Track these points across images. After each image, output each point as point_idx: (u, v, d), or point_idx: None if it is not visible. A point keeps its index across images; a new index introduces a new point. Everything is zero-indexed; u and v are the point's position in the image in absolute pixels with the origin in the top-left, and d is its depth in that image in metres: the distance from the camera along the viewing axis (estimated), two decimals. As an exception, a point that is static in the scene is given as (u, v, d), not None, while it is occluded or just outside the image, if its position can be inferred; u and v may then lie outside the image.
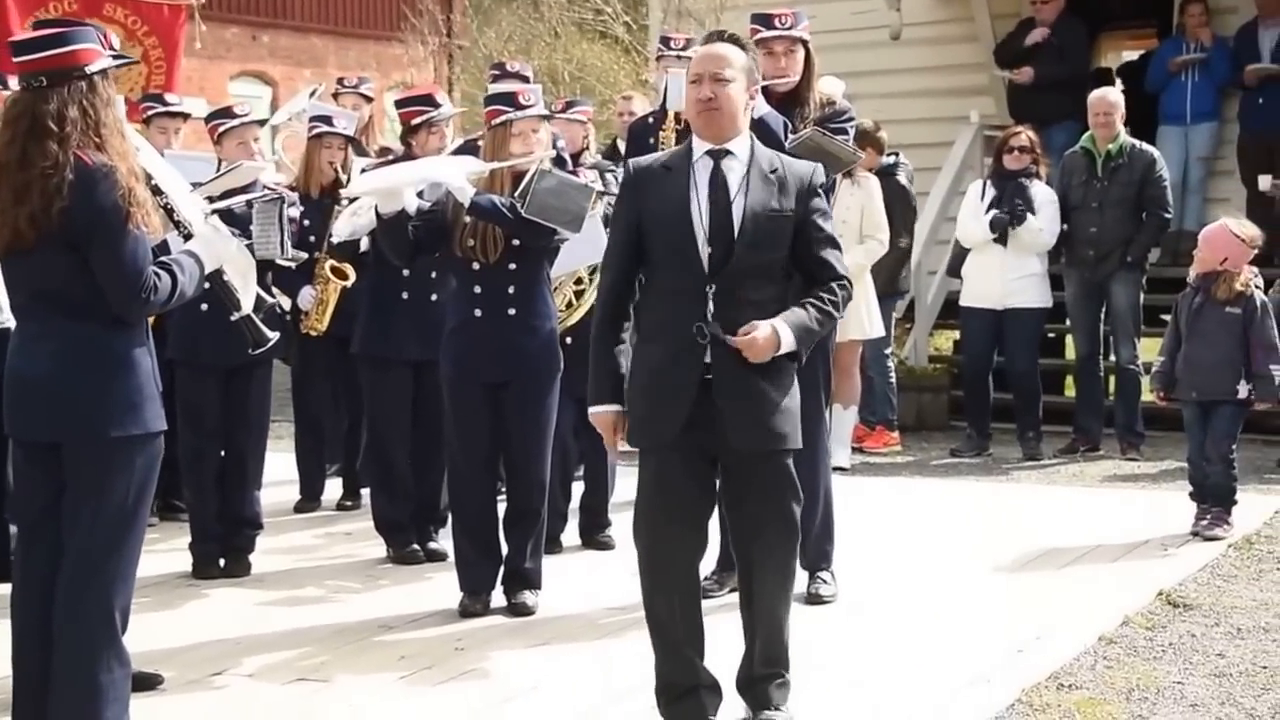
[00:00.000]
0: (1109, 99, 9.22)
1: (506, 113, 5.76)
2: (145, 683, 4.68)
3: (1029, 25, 11.05)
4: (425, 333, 6.35)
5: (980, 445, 9.31)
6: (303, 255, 6.71)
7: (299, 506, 7.71)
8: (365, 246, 6.59)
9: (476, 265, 5.72)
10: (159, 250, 4.39)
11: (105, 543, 4.22)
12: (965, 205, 9.41)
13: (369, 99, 8.91)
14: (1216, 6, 10.84)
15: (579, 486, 7.01)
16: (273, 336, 4.89)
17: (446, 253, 5.82)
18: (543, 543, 5.92)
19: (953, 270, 9.76)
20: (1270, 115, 10.37)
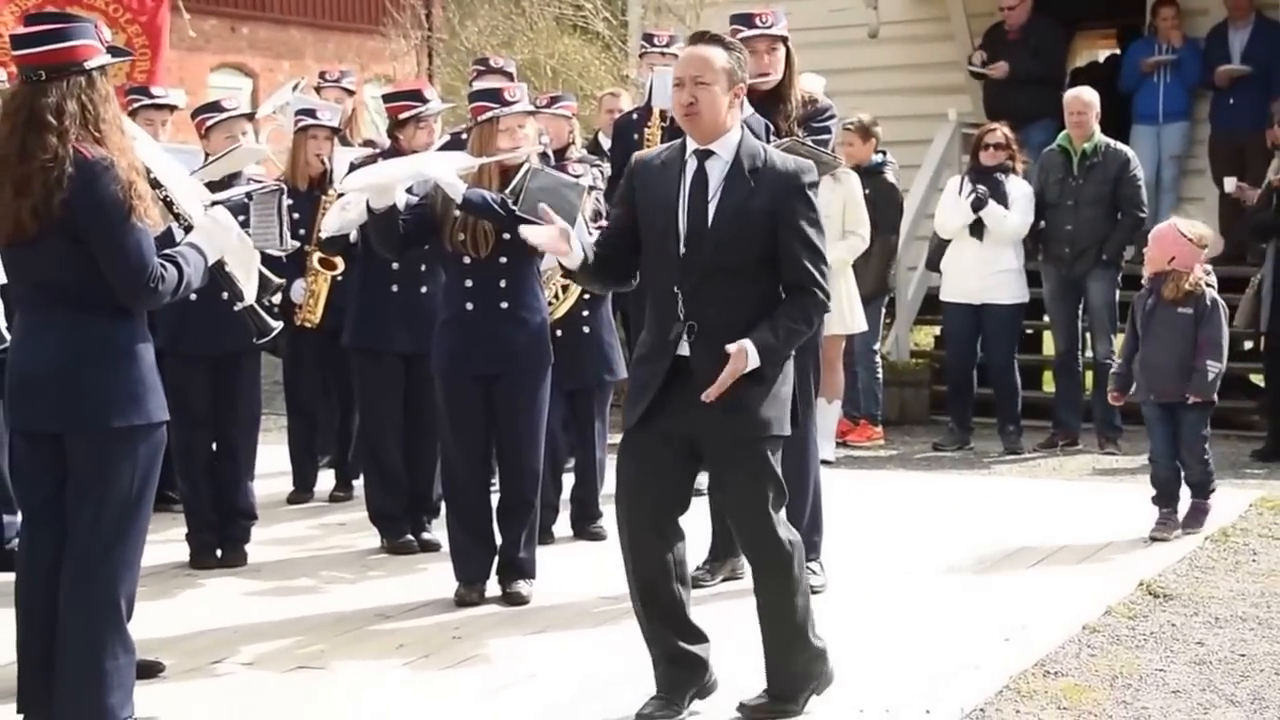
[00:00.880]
0: (1083, 98, 9.33)
1: (493, 109, 5.82)
2: (147, 670, 4.72)
3: (998, 31, 11.16)
4: (415, 325, 6.41)
5: (962, 439, 9.42)
6: (294, 244, 6.75)
7: (292, 498, 7.75)
8: (355, 239, 6.65)
9: (468, 259, 5.78)
10: (164, 241, 4.45)
11: (109, 532, 4.28)
12: (943, 198, 9.53)
13: (351, 92, 8.96)
14: (1187, 8, 10.97)
15: (569, 479, 7.08)
16: (276, 326, 4.93)
17: (437, 246, 5.88)
18: (536, 533, 5.99)
19: (931, 264, 9.86)
20: (1240, 115, 10.53)
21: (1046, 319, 9.79)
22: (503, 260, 5.78)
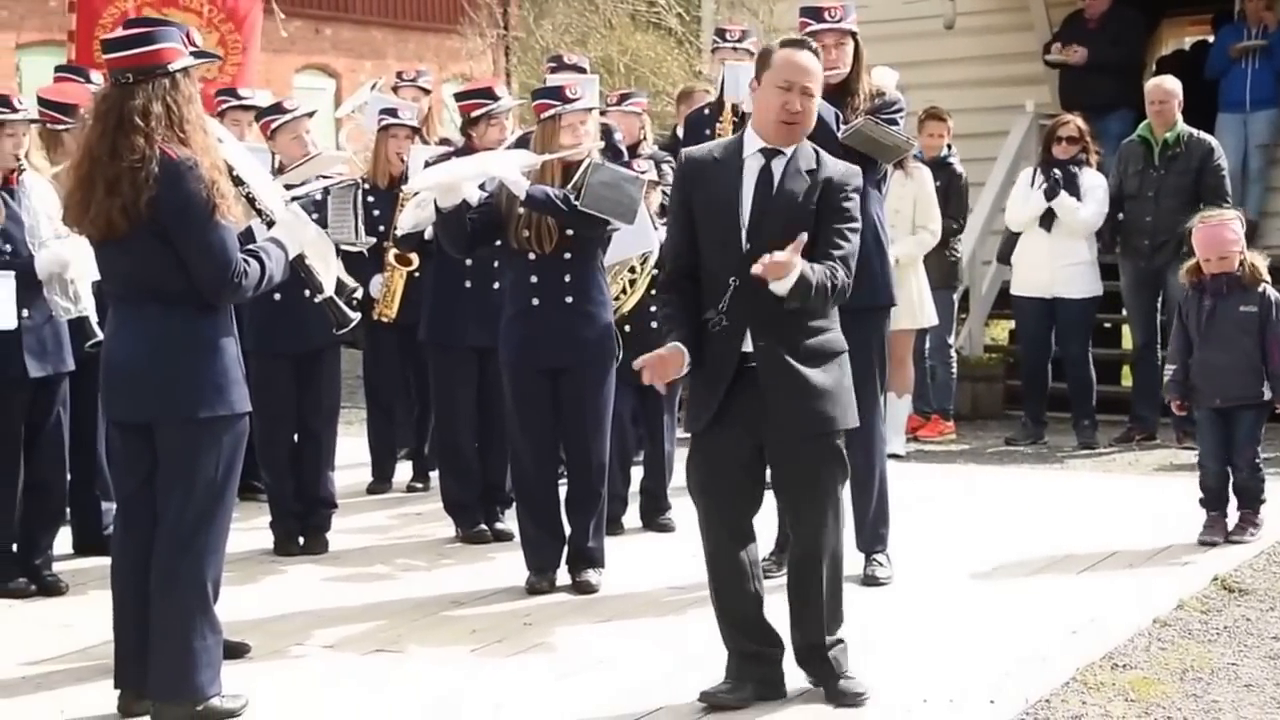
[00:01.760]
0: (1165, 86, 9.22)
1: (554, 106, 5.90)
2: (234, 651, 4.87)
3: (1078, 19, 11.08)
4: (488, 319, 6.49)
5: (1036, 434, 9.37)
6: (370, 240, 6.87)
7: (371, 488, 7.90)
8: (430, 236, 6.75)
9: (533, 255, 5.87)
10: (244, 238, 4.58)
11: (196, 518, 4.43)
12: (1015, 190, 9.48)
13: (427, 91, 9.10)
14: (1279, -9, 10.79)
15: (638, 471, 7.15)
16: (355, 317, 5.05)
17: (504, 243, 5.97)
18: (604, 523, 6.08)
19: (1002, 257, 9.82)
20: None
21: (1125, 312, 9.71)
22: (567, 255, 5.86)
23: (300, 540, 6.62)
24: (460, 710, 4.61)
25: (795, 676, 4.66)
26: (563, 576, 5.99)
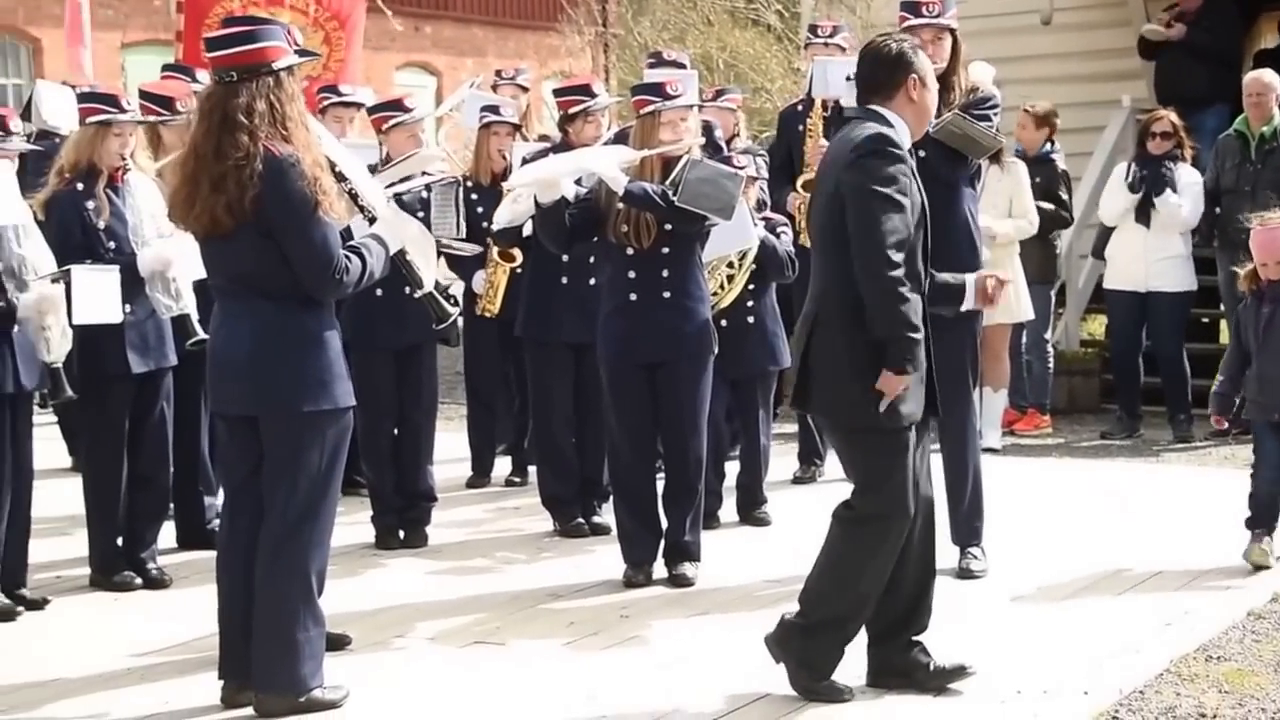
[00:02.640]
0: (1263, 80, 9.16)
1: (654, 103, 5.96)
2: (335, 643, 4.96)
3: (1174, 13, 10.98)
4: (584, 315, 6.57)
5: (1131, 427, 9.32)
6: (472, 248, 6.98)
7: (471, 483, 8.01)
8: (529, 232, 6.84)
9: (631, 250, 5.94)
10: (343, 234, 4.66)
11: (300, 510, 4.53)
12: (1109, 185, 9.45)
13: (525, 89, 9.22)
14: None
15: (733, 466, 7.21)
16: (454, 312, 5.10)
17: (601, 239, 6.05)
18: (701, 517, 6.13)
19: (1097, 252, 9.78)
20: None
21: (1222, 307, 9.62)
22: (665, 251, 5.92)
23: (401, 534, 6.74)
24: (557, 701, 4.69)
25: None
26: (659, 570, 6.06)
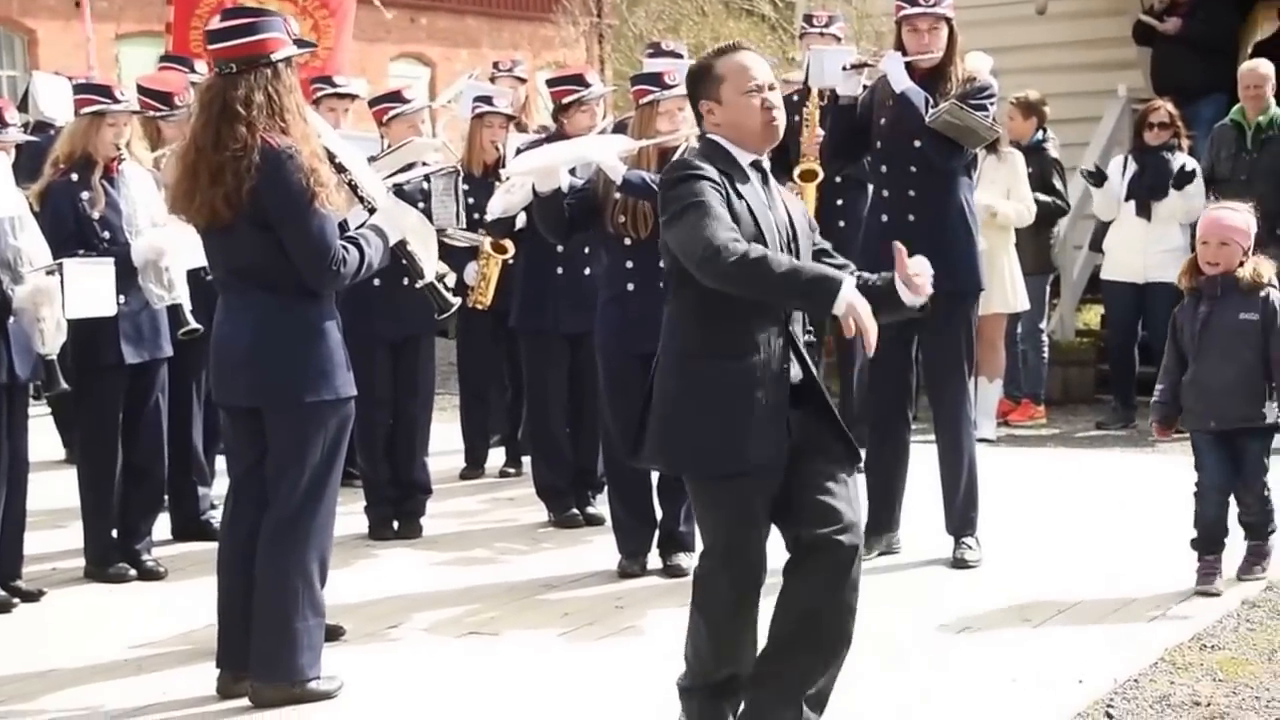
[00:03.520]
0: (1260, 70, 9.15)
1: (653, 92, 5.96)
2: (330, 634, 4.94)
3: (1169, 3, 10.96)
4: (579, 306, 6.59)
5: (1126, 418, 9.31)
6: (475, 238, 6.98)
7: (465, 474, 8.02)
8: (522, 223, 6.83)
9: (628, 240, 5.94)
10: (340, 227, 4.66)
11: (302, 500, 4.54)
12: (1107, 184, 9.40)
13: (523, 80, 9.22)
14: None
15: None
16: (455, 302, 5.12)
17: (599, 229, 6.04)
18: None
19: (1095, 245, 9.77)
20: None
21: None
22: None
23: (395, 525, 6.75)
24: (552, 692, 4.70)
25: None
26: (654, 561, 6.06)
